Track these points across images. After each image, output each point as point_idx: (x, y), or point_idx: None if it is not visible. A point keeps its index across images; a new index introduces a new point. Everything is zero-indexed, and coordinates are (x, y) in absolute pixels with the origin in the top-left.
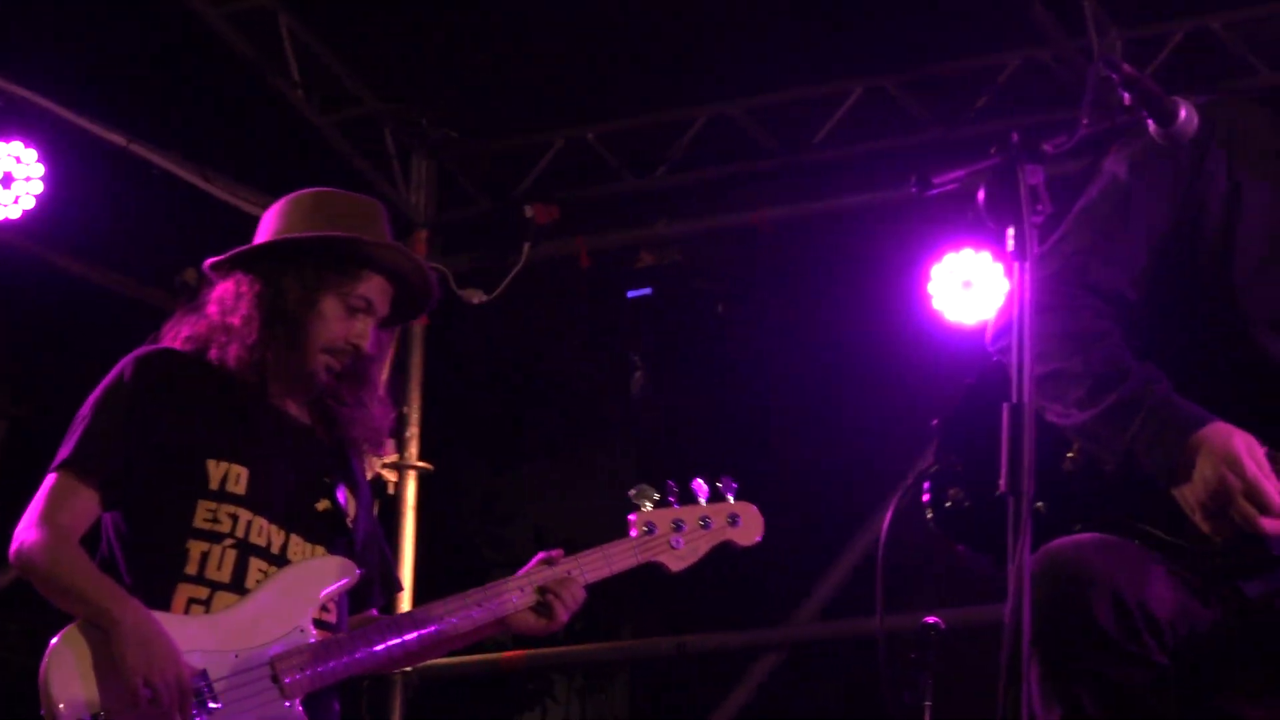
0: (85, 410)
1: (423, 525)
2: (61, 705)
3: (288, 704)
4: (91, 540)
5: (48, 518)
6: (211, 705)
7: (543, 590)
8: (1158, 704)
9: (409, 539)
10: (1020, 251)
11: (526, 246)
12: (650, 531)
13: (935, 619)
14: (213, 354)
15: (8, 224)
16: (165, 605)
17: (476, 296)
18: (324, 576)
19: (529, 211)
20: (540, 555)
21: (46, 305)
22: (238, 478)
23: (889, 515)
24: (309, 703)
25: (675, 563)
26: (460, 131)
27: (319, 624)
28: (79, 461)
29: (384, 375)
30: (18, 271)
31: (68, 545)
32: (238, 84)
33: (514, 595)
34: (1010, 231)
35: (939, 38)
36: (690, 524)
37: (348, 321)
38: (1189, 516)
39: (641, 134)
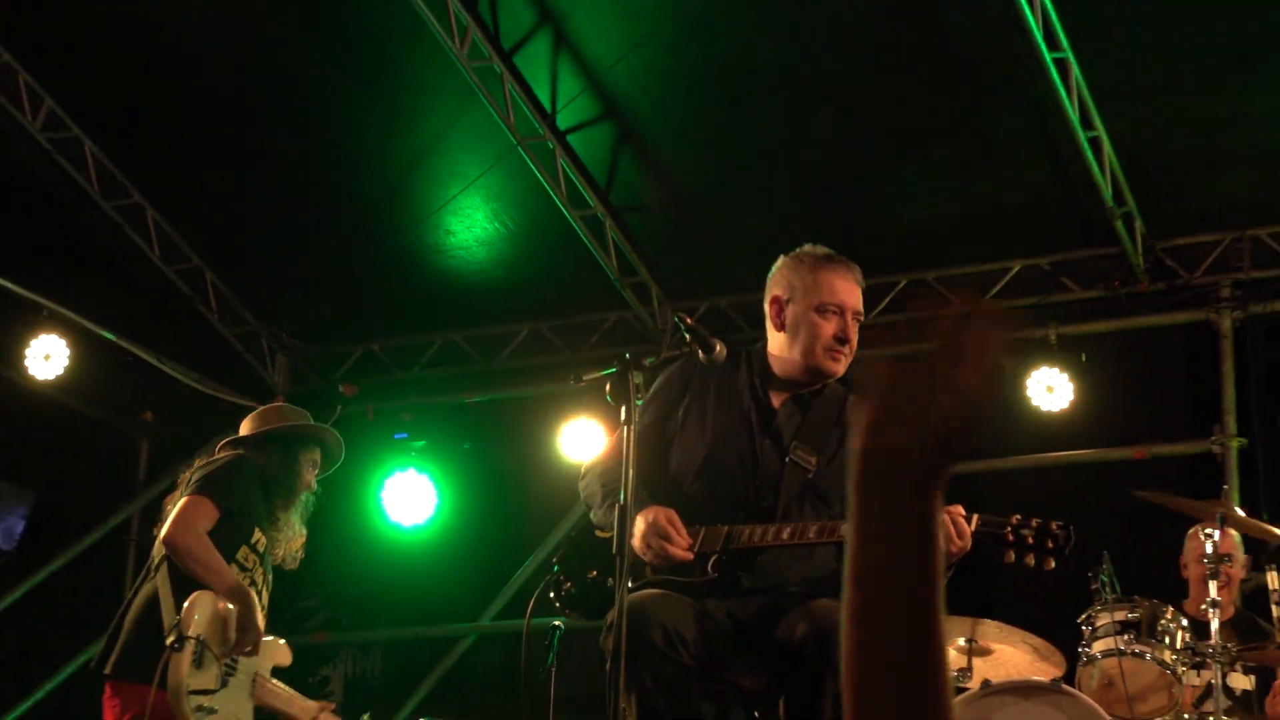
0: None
1: None
2: (191, 623)
3: (251, 702)
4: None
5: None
6: (240, 673)
7: None
8: (684, 686)
9: None
10: (627, 419)
11: (339, 408)
12: None
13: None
14: None
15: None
16: None
17: None
18: (279, 651)
19: (341, 388)
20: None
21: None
22: (263, 542)
23: (534, 599)
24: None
25: None
26: (304, 341)
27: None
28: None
29: None
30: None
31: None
32: (181, 308)
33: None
34: (623, 408)
35: (570, 303)
36: None
37: (311, 475)
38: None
39: (409, 348)
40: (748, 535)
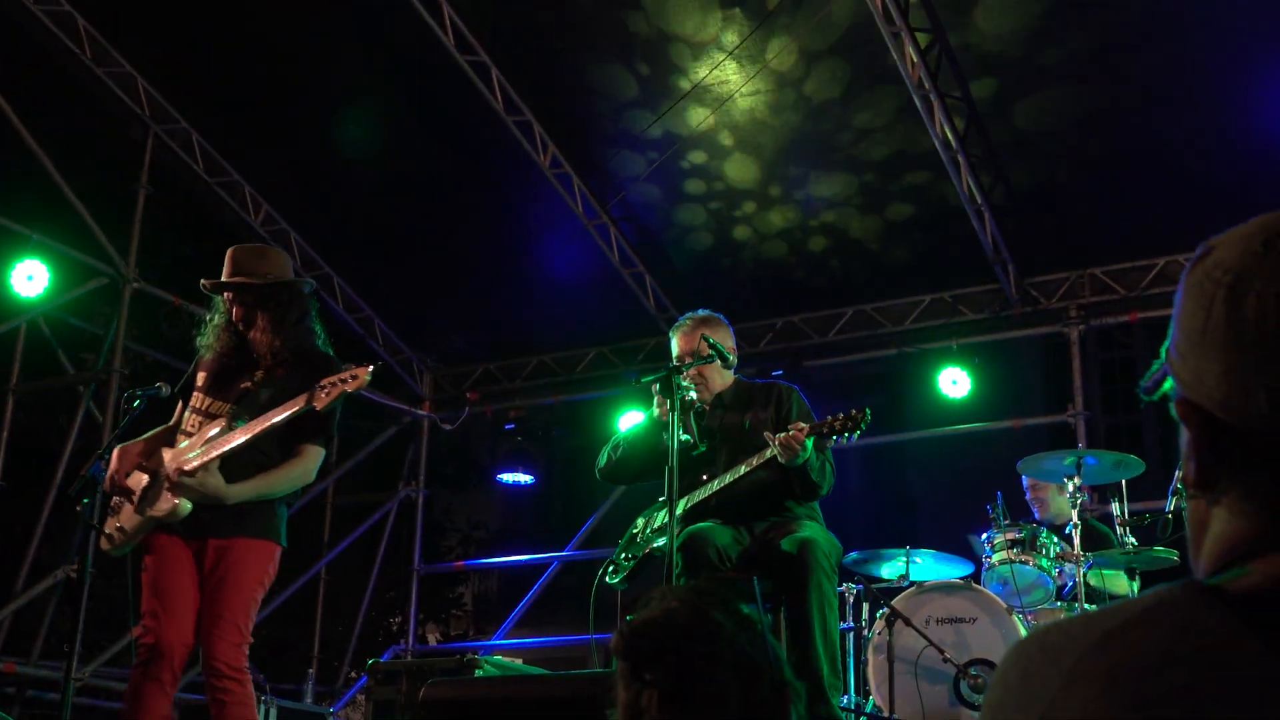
0: None
1: None
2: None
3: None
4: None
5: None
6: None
7: None
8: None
9: None
10: (673, 406)
11: (467, 409)
12: None
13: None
14: None
15: None
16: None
17: (449, 425)
18: None
19: (468, 395)
20: None
21: None
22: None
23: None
24: None
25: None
26: (442, 363)
27: None
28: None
29: None
30: None
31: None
32: (357, 342)
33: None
34: (669, 400)
35: (624, 332)
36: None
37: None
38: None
39: (515, 366)
40: (713, 482)
